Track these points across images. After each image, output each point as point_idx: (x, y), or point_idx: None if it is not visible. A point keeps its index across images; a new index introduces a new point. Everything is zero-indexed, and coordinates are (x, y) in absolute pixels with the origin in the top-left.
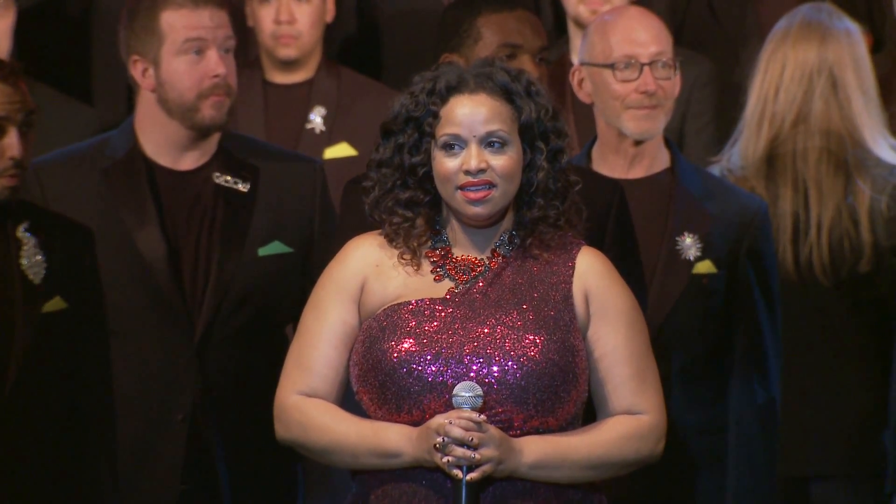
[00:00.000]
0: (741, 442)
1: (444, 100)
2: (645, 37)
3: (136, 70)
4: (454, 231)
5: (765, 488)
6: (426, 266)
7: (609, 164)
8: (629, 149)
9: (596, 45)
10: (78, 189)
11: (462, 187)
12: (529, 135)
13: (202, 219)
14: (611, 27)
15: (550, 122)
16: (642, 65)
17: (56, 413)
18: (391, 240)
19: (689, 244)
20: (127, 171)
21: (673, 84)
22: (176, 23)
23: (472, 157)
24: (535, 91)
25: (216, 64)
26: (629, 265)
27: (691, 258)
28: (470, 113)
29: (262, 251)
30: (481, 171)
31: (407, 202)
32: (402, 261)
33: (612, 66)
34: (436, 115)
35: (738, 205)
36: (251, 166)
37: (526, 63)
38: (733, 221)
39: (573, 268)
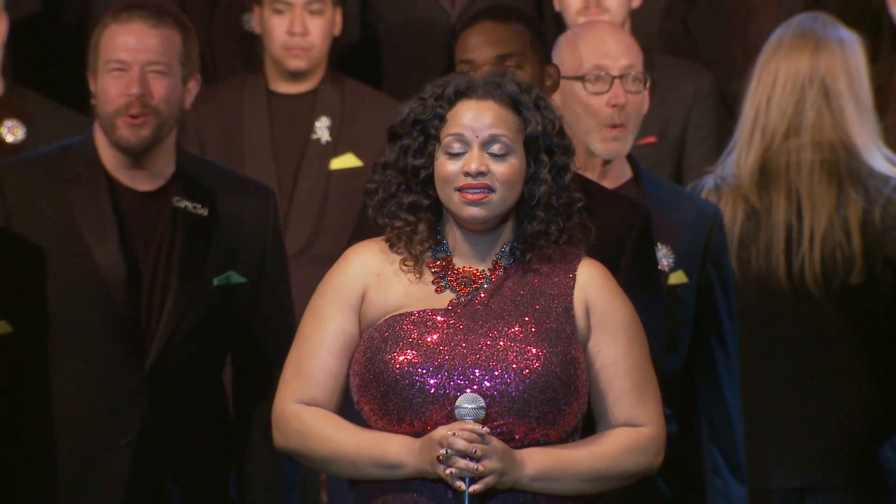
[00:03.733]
0: (715, 448)
1: (451, 104)
2: (616, 50)
3: (91, 85)
4: (455, 240)
5: (738, 493)
6: (427, 276)
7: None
8: (597, 166)
9: (566, 58)
10: (40, 197)
11: (460, 189)
12: (534, 147)
13: (161, 244)
14: (581, 40)
15: (557, 138)
16: (613, 77)
17: None
18: (393, 245)
19: (662, 255)
20: (89, 185)
21: (642, 99)
22: (108, 42)
23: (474, 159)
24: (543, 105)
25: (129, 83)
26: (647, 295)
27: (666, 269)
28: (475, 116)
29: (217, 281)
30: (481, 174)
31: (410, 206)
32: (404, 268)
33: (582, 79)
34: (442, 118)
35: (695, 212)
36: (208, 190)
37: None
38: (695, 229)
39: (574, 279)
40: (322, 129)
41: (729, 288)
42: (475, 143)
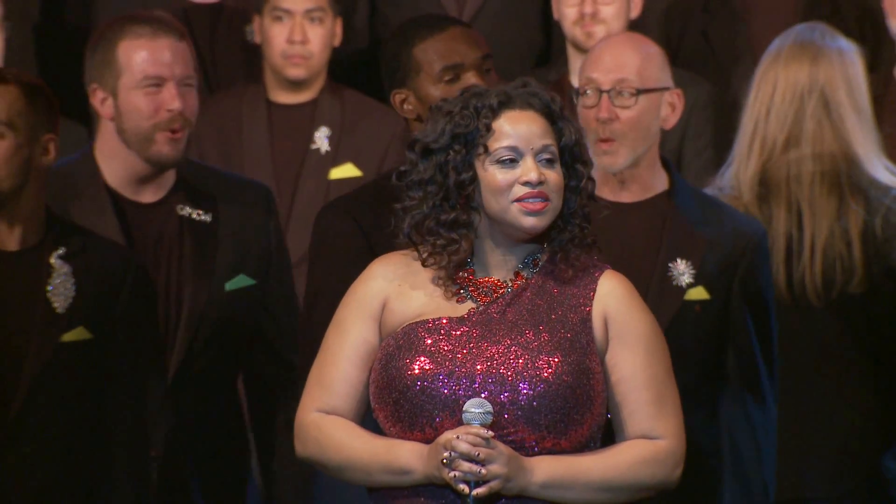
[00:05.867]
0: (737, 464)
1: (496, 114)
2: (610, 64)
3: (96, 98)
4: (484, 252)
5: None
6: (450, 286)
7: (600, 188)
8: (611, 176)
9: (580, 72)
10: None
11: (520, 199)
12: (569, 156)
13: (169, 254)
14: (589, 54)
15: (582, 148)
16: (601, 91)
17: (72, 441)
18: (426, 262)
19: (681, 270)
20: (92, 202)
21: (639, 113)
22: (134, 56)
23: (532, 169)
24: (567, 116)
25: (171, 98)
26: None
27: (683, 285)
28: (527, 127)
29: (229, 285)
30: (540, 182)
31: (451, 223)
32: (437, 282)
33: (576, 92)
34: (489, 129)
35: (732, 229)
36: (210, 195)
37: (471, 78)
38: (728, 246)
39: (594, 291)
40: (321, 138)
41: (765, 308)
42: (528, 153)
